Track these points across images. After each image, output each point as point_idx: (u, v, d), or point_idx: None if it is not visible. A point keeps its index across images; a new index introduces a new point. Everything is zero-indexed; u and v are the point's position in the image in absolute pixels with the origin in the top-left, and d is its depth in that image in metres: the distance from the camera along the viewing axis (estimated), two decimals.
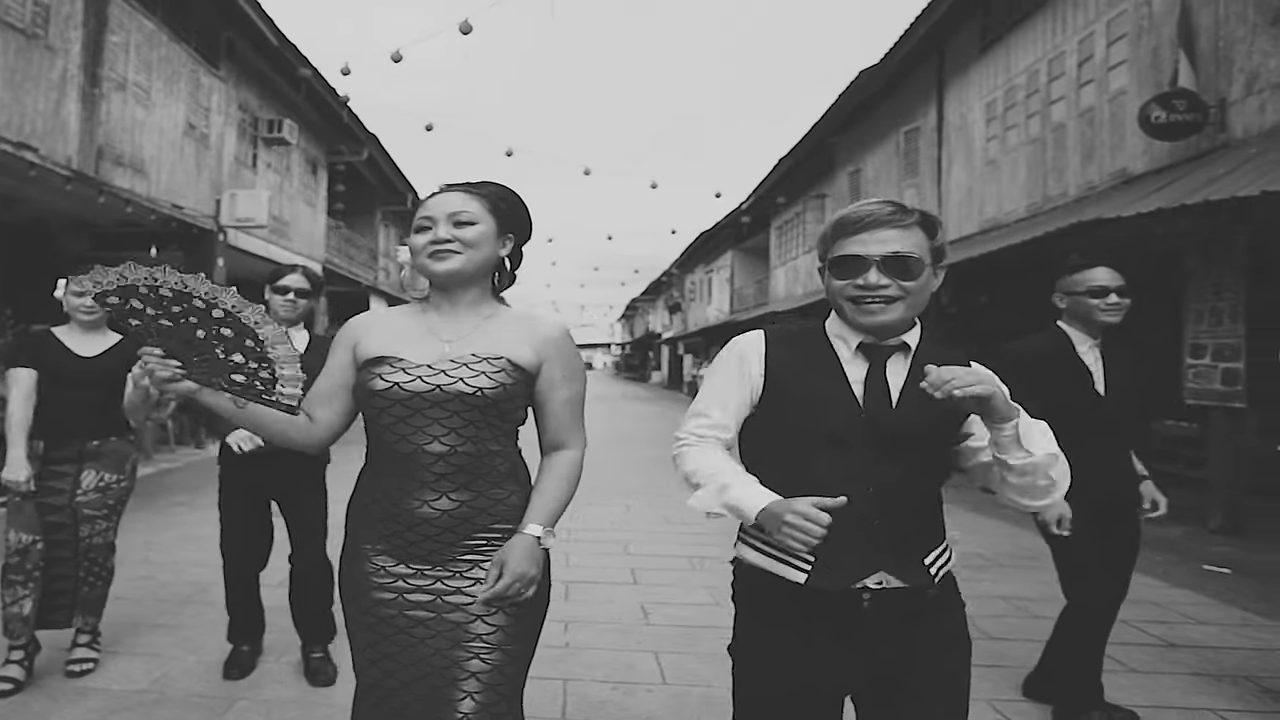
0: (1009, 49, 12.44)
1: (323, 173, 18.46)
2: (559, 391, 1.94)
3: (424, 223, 1.92)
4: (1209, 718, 3.43)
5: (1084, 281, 3.18)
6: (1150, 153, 9.59)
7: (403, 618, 1.85)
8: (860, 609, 1.70)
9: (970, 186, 13.57)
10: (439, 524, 1.83)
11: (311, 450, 1.98)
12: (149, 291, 1.77)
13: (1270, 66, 8.19)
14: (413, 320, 1.96)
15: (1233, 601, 5.11)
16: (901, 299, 1.71)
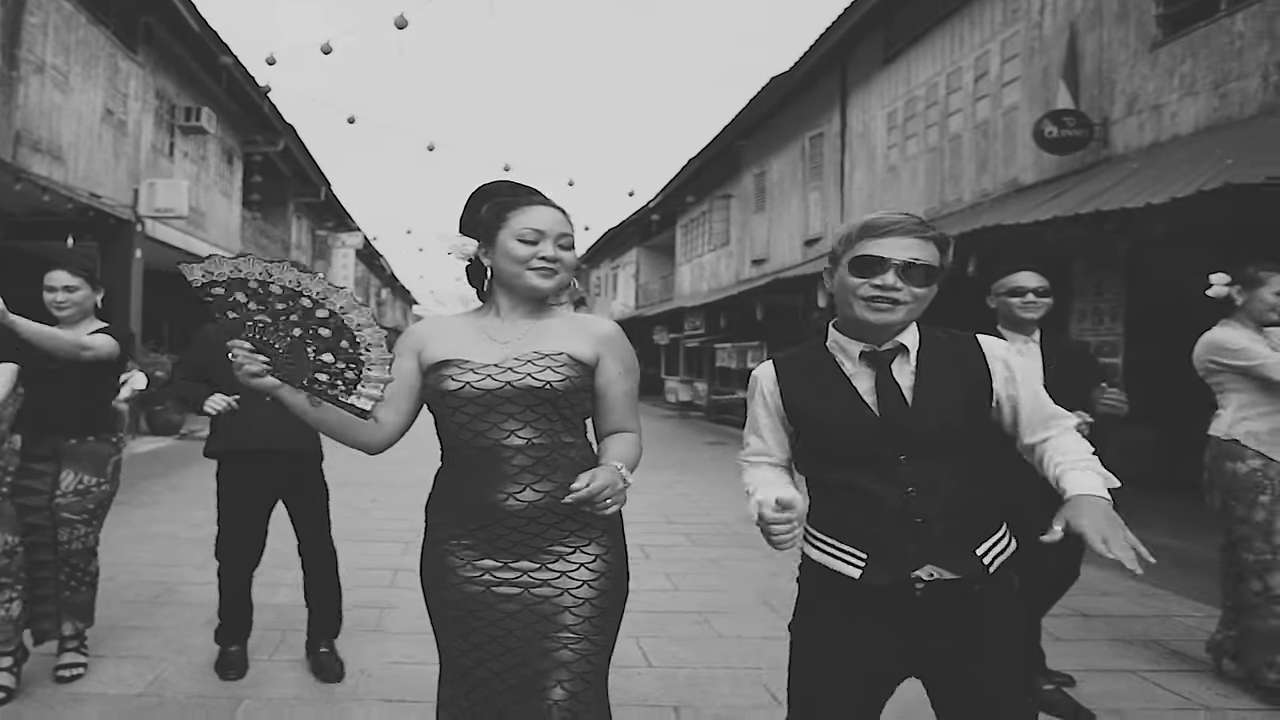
0: (910, 62, 12.88)
1: (238, 163, 17.83)
2: (617, 385, 1.99)
3: (532, 235, 1.93)
4: (1131, 678, 3.73)
5: (1007, 284, 3.40)
6: (1039, 164, 10.10)
7: (493, 610, 1.88)
8: (912, 599, 1.76)
9: (872, 191, 14.01)
10: (524, 515, 1.87)
11: (371, 451, 1.97)
12: (259, 286, 1.75)
13: (1148, 89, 8.73)
14: (469, 326, 2.00)
15: (1126, 574, 5.52)
16: (907, 304, 1.77)
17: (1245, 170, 6.12)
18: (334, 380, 1.82)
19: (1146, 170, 8.00)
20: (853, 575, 1.79)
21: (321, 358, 1.80)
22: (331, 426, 1.89)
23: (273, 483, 3.60)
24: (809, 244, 16.11)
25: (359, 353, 1.81)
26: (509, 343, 1.93)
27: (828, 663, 1.82)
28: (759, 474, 1.93)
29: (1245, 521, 3.53)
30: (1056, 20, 9.92)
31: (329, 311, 1.78)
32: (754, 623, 4.27)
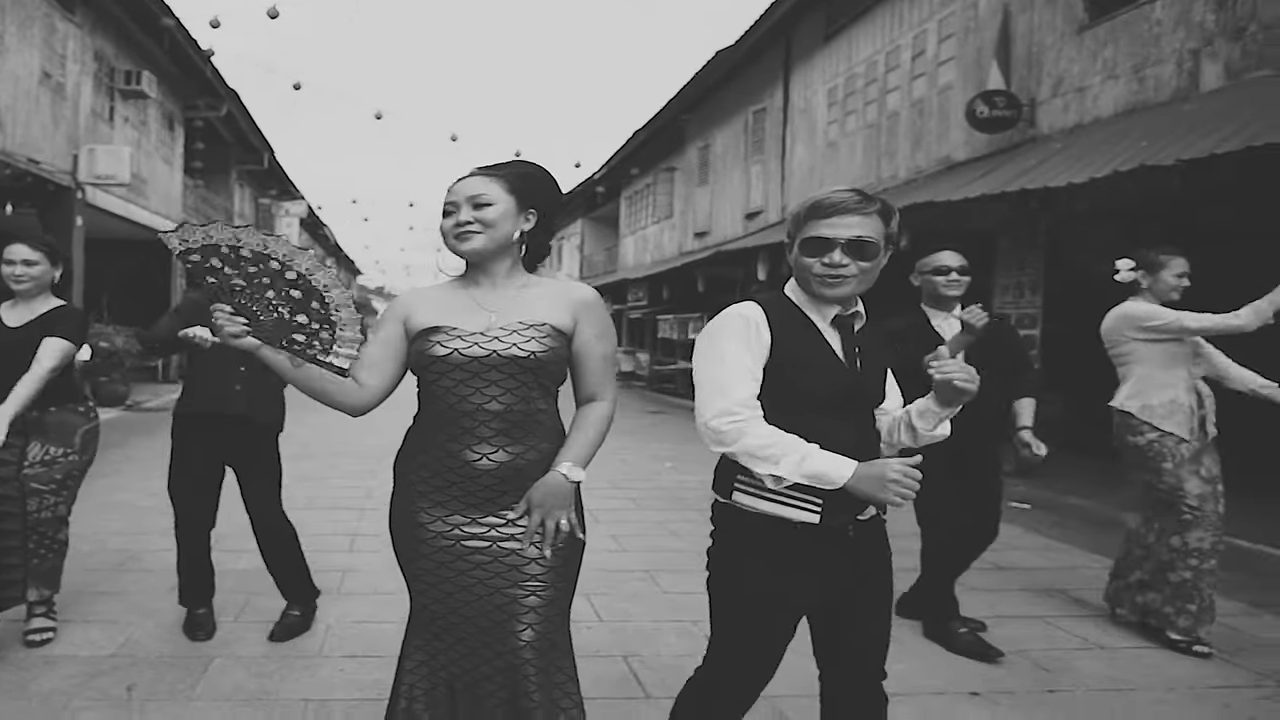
0: (851, 40, 13.10)
1: (180, 129, 17.46)
2: (594, 349, 2.09)
3: (448, 207, 2.06)
4: (1037, 623, 4.05)
5: (931, 263, 3.64)
6: (970, 143, 10.42)
7: (462, 561, 2.02)
8: (845, 538, 1.95)
9: (812, 165, 14.26)
10: (495, 475, 2.00)
11: (353, 413, 2.08)
12: (230, 251, 1.84)
13: (1074, 72, 9.06)
14: (456, 294, 2.10)
15: (1036, 531, 5.90)
16: (856, 277, 1.93)
17: (1158, 152, 6.45)
18: (310, 341, 1.92)
19: (1069, 150, 8.32)
20: (811, 520, 1.91)
21: (296, 319, 1.91)
22: (314, 387, 2.00)
23: (222, 447, 3.64)
24: (750, 217, 16.34)
25: (330, 313, 1.92)
26: (495, 311, 2.05)
27: (767, 602, 1.98)
28: (781, 434, 1.88)
29: (1155, 488, 3.82)
30: (991, 1, 10.19)
31: (297, 274, 1.89)
32: (697, 580, 4.46)
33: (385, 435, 2.15)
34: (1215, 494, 3.78)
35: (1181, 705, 3.16)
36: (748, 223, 16.42)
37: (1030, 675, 3.41)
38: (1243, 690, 3.30)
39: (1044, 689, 3.27)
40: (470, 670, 2.04)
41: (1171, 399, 3.79)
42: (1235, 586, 4.43)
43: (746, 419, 1.89)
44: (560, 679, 2.04)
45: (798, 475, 1.84)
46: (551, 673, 2.02)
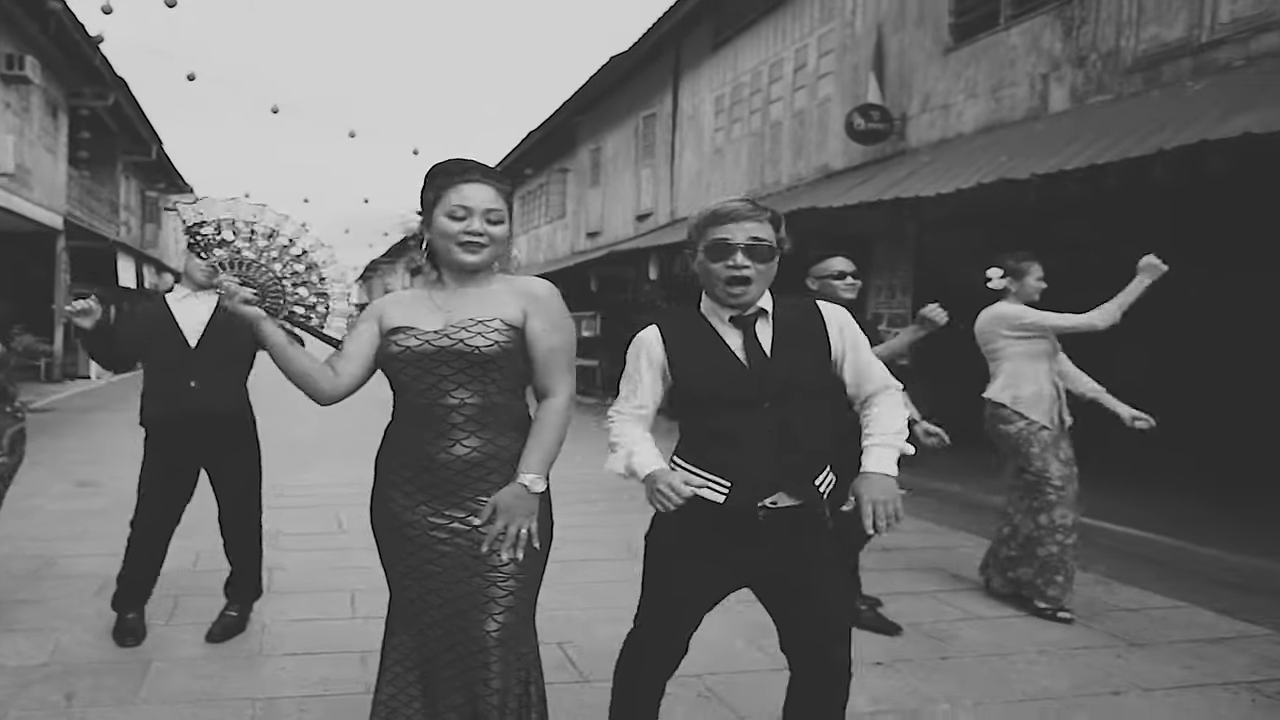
0: (737, 51, 13.38)
1: (64, 117, 16.43)
2: (543, 341, 2.09)
3: (460, 211, 2.04)
4: (925, 598, 4.34)
5: (828, 268, 3.79)
6: (847, 153, 10.82)
7: (430, 550, 2.06)
8: (756, 522, 2.07)
9: (699, 171, 14.51)
10: (456, 467, 2.04)
11: (325, 400, 2.08)
12: (245, 226, 1.93)
13: (940, 90, 9.53)
14: (421, 296, 2.15)
15: (916, 515, 6.24)
16: (755, 281, 2.07)
17: (1017, 167, 6.90)
18: (308, 314, 2.01)
19: (935, 163, 8.77)
20: (717, 500, 2.06)
21: (298, 291, 2.00)
22: (298, 368, 2.03)
23: (202, 449, 3.54)
24: (641, 219, 16.52)
25: (325, 287, 2.02)
26: (451, 310, 2.08)
27: (679, 571, 2.15)
28: (630, 429, 2.16)
29: (1026, 471, 4.13)
30: (866, 20, 10.59)
31: (302, 250, 1.99)
32: (625, 568, 4.60)
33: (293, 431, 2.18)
34: (1073, 475, 4.13)
35: (1051, 665, 3.47)
36: (638, 224, 16.58)
37: (924, 645, 3.67)
38: (1099, 650, 3.63)
39: (938, 656, 3.53)
40: (435, 658, 2.09)
41: (1037, 390, 4.11)
42: (1088, 560, 4.83)
43: (617, 420, 2.19)
44: (522, 670, 2.10)
45: (622, 467, 2.12)
46: (512, 661, 2.06)
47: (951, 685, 3.25)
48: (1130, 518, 5.92)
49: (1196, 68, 6.81)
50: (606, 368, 15.93)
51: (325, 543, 5.26)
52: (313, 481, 7.11)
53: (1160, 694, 3.19)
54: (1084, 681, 3.31)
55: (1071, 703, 3.11)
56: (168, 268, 23.51)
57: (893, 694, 3.15)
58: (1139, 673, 3.39)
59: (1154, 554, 5.28)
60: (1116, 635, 3.81)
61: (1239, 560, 4.92)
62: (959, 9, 9.21)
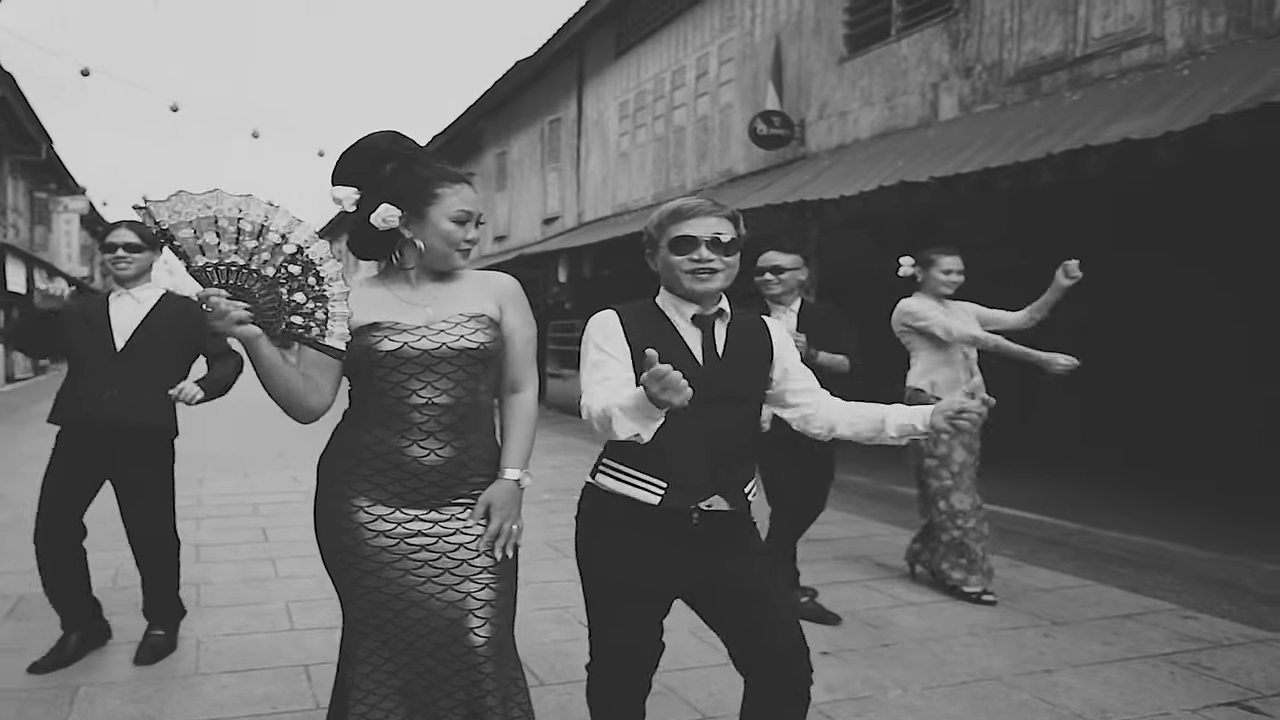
0: (639, 58, 13.32)
1: None
2: (519, 335, 2.00)
3: (464, 216, 1.92)
4: (855, 586, 4.34)
5: (764, 262, 3.72)
6: (749, 158, 10.89)
7: (406, 560, 1.86)
8: (690, 526, 1.95)
9: (605, 175, 14.40)
10: (442, 470, 1.88)
11: (311, 418, 1.88)
12: (229, 225, 1.57)
13: (836, 98, 9.67)
14: (382, 292, 1.94)
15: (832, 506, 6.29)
16: (721, 271, 1.98)
17: (912, 171, 7.05)
18: (308, 323, 1.69)
19: (835, 167, 8.91)
20: (652, 501, 1.94)
21: (294, 298, 1.66)
22: (287, 386, 1.79)
23: (114, 458, 3.19)
24: (548, 222, 16.31)
25: (324, 289, 1.70)
26: (428, 305, 1.93)
27: (621, 586, 1.97)
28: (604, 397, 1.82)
29: (932, 455, 4.17)
30: (765, 30, 10.67)
31: (296, 247, 1.65)
32: (553, 568, 4.48)
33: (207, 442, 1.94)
34: (974, 463, 4.15)
35: (985, 647, 3.50)
36: (545, 227, 16.36)
37: (864, 633, 3.66)
38: (1026, 630, 3.69)
39: (879, 644, 3.52)
40: (424, 674, 1.88)
41: (953, 375, 4.13)
42: (998, 544, 4.95)
43: (591, 398, 1.86)
44: (513, 686, 1.95)
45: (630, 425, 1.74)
46: (503, 678, 1.91)
47: (898, 670, 3.24)
48: (1034, 503, 6.13)
49: (1073, 79, 7.08)
50: None
51: (251, 553, 4.92)
52: (229, 490, 6.70)
53: (1087, 670, 3.25)
54: (1018, 661, 3.34)
55: (1011, 682, 3.13)
56: (59, 271, 21.95)
57: (846, 683, 3.12)
58: (1065, 650, 3.46)
59: (1058, 537, 5.46)
60: (1038, 615, 3.89)
61: (1137, 541, 5.13)
62: (852, 21, 9.37)
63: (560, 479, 7.45)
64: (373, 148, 1.95)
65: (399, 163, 1.94)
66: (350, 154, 1.96)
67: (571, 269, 13.05)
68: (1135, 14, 6.64)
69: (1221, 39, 6.07)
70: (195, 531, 5.30)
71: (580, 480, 2.05)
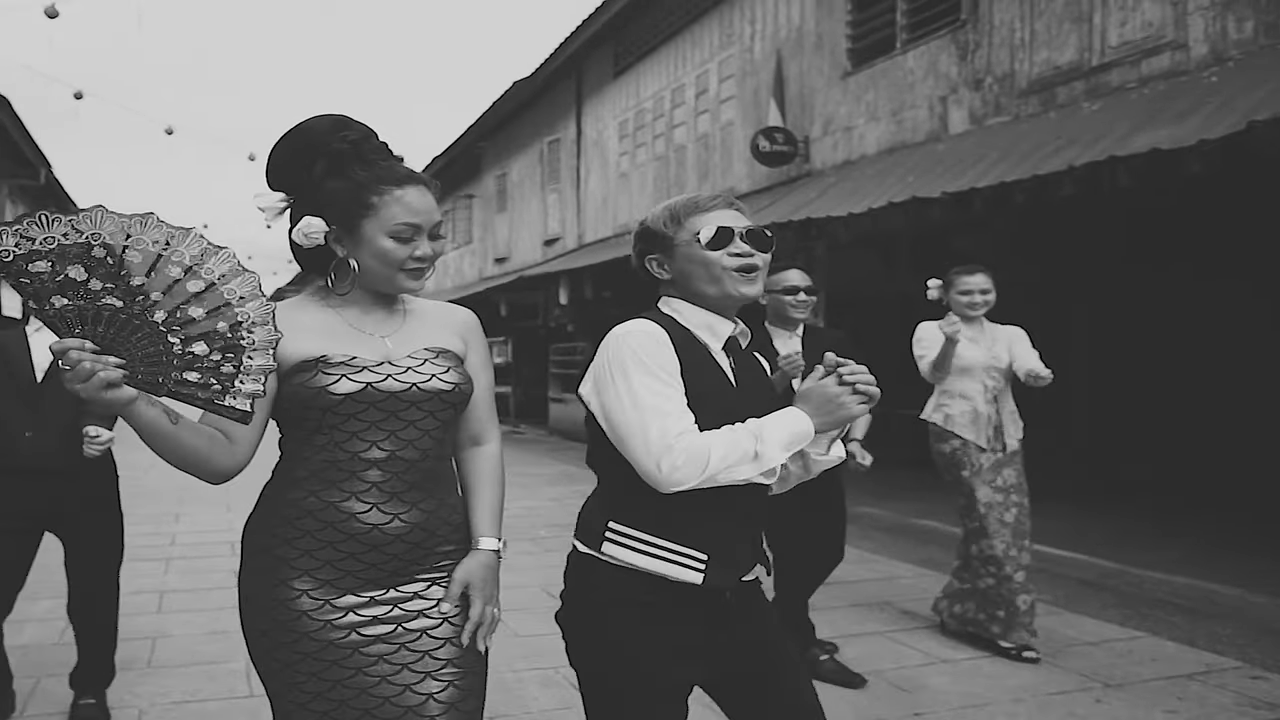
0: (638, 77, 13.03)
1: None
2: (481, 378, 1.65)
3: (407, 231, 1.50)
4: (879, 639, 3.89)
5: (780, 282, 3.32)
6: (752, 176, 10.56)
7: (359, 656, 1.46)
8: (724, 601, 1.57)
9: (605, 195, 14.09)
10: (408, 540, 1.49)
11: (222, 479, 1.43)
12: (105, 254, 1.16)
13: (840, 113, 9.35)
14: (326, 317, 1.53)
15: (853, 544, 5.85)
16: (761, 270, 1.60)
17: (922, 187, 6.69)
18: (206, 379, 1.26)
19: (842, 184, 8.56)
20: (693, 581, 1.51)
21: (191, 349, 1.24)
22: (185, 452, 1.35)
23: (55, 508, 2.81)
24: (549, 243, 15.99)
25: (239, 337, 1.27)
26: (387, 336, 1.54)
27: (650, 687, 1.55)
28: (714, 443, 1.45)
29: (959, 494, 3.79)
30: (765, 46, 10.37)
31: (205, 283, 1.24)
32: (546, 617, 4.06)
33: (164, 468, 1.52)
34: (1006, 503, 3.71)
35: (1032, 715, 3.07)
36: (546, 249, 16.04)
37: (894, 699, 3.22)
38: (1076, 694, 3.26)
39: (911, 713, 3.09)
40: None
41: (971, 409, 3.77)
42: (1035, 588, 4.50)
43: (689, 438, 1.45)
44: None
45: (783, 453, 1.45)
46: None
47: None
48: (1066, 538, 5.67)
49: (1090, 89, 6.75)
50: (519, 395, 15.30)
51: (221, 600, 4.47)
52: (207, 527, 6.26)
53: None
54: None
55: None
56: None
57: None
58: (1123, 719, 3.03)
59: (1097, 578, 5.01)
60: (1088, 675, 3.45)
61: (1184, 583, 4.68)
62: (855, 35, 9.07)
63: (560, 513, 7.03)
64: (301, 140, 1.52)
65: (329, 161, 1.50)
66: (278, 148, 1.54)
67: (573, 290, 12.70)
68: (1154, 20, 6.30)
69: (1250, 44, 5.74)
70: (162, 575, 4.90)
71: None
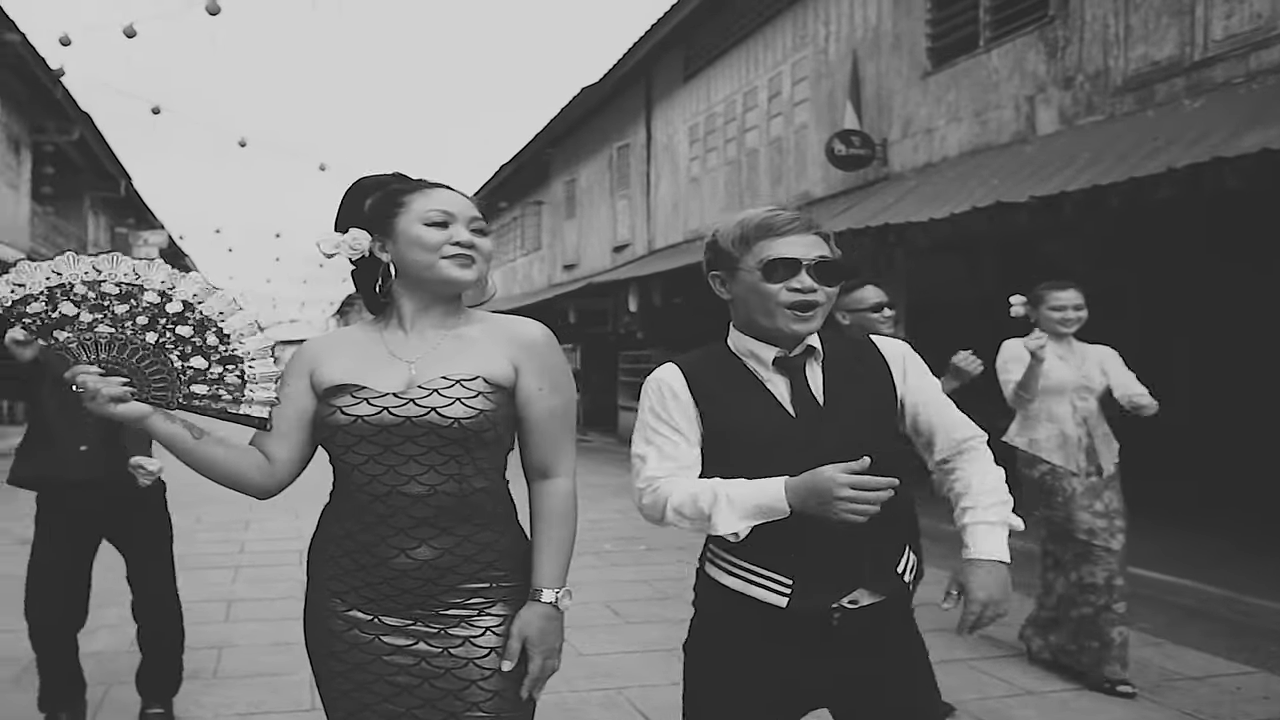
0: (709, 80, 12.98)
1: (26, 152, 15.66)
2: (538, 404, 1.54)
3: (441, 216, 1.52)
4: (961, 668, 3.73)
5: (864, 300, 3.26)
6: (827, 180, 10.40)
7: (384, 684, 1.47)
8: (830, 627, 1.53)
9: (676, 201, 14.06)
10: (418, 576, 1.47)
11: (265, 495, 1.54)
12: (88, 290, 1.35)
13: (921, 115, 9.13)
14: (369, 340, 1.57)
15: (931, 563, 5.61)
16: (823, 305, 1.55)
17: (1007, 190, 6.47)
18: (215, 390, 1.41)
19: (922, 188, 8.35)
20: (777, 604, 1.51)
21: (191, 364, 1.40)
22: (218, 466, 1.46)
23: (103, 516, 2.90)
24: (618, 250, 16.03)
25: (233, 348, 1.42)
26: (415, 361, 1.51)
27: (738, 697, 1.55)
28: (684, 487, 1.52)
29: (1050, 521, 3.62)
30: (840, 47, 10.21)
31: (183, 303, 1.39)
32: (610, 636, 4.03)
33: None
34: (1111, 529, 3.54)
35: None
36: (615, 255, 16.08)
37: None
38: None
39: None
40: None
41: (1059, 432, 3.60)
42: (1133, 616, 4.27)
43: (659, 484, 1.54)
44: None
45: (739, 521, 1.46)
46: None
47: None
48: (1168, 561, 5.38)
49: (1191, 86, 6.44)
50: (587, 403, 15.36)
51: (287, 610, 4.52)
52: (276, 534, 6.41)
53: None
54: None
55: None
56: None
57: None
58: None
59: (1203, 605, 4.73)
60: (1189, 713, 3.25)
61: None
62: (936, 33, 8.85)
63: (625, 526, 6.97)
64: (357, 187, 1.62)
65: (380, 192, 1.59)
66: (341, 202, 1.64)
67: (642, 297, 12.69)
68: (1264, 12, 5.98)
69: None
70: (230, 584, 5.01)
71: (647, 528, 1.64)
